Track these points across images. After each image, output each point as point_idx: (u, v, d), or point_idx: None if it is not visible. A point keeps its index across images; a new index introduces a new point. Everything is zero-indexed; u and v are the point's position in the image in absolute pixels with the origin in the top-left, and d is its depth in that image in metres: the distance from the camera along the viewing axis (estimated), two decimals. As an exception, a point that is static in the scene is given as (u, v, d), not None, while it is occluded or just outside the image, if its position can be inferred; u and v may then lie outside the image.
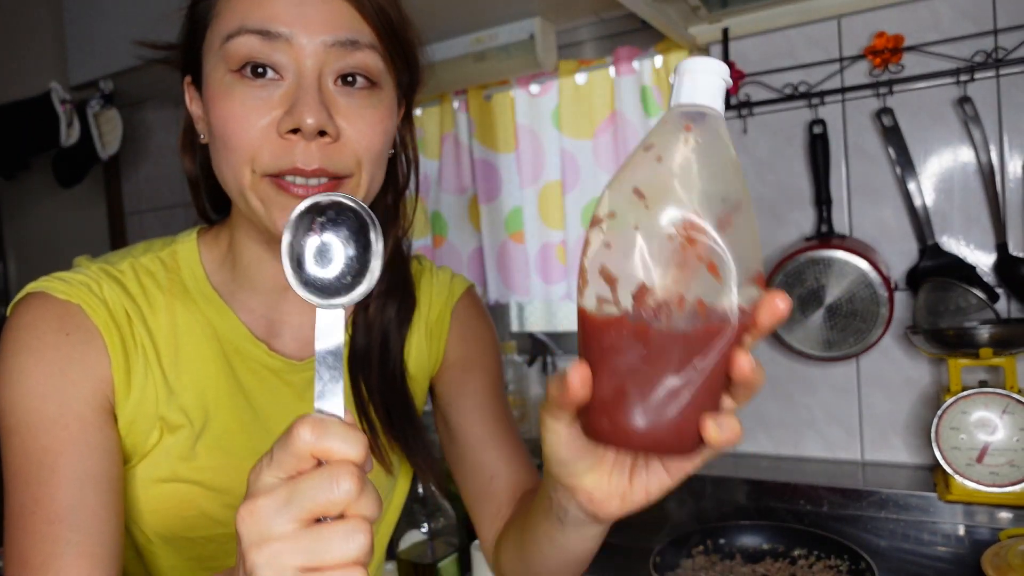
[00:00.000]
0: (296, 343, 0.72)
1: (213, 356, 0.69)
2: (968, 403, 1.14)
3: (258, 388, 0.71)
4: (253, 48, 0.59)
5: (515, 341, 1.73)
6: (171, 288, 0.69)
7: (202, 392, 0.68)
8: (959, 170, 1.26)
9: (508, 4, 1.41)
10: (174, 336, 0.68)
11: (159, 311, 0.68)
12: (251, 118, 0.60)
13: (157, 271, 0.70)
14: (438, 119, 1.73)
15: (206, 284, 0.71)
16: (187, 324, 0.69)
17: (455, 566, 1.32)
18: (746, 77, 1.39)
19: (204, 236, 0.73)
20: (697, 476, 1.38)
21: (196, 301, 0.70)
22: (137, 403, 0.65)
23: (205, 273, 0.71)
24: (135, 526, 0.69)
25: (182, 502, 0.67)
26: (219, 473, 0.68)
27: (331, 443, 0.39)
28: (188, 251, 0.72)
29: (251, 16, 0.60)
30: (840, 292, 1.26)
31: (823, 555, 1.14)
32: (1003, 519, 1.15)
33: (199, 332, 0.69)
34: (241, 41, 0.59)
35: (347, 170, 0.62)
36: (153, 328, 0.67)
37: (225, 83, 0.61)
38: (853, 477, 1.31)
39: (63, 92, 1.84)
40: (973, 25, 1.22)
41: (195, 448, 0.67)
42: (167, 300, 0.69)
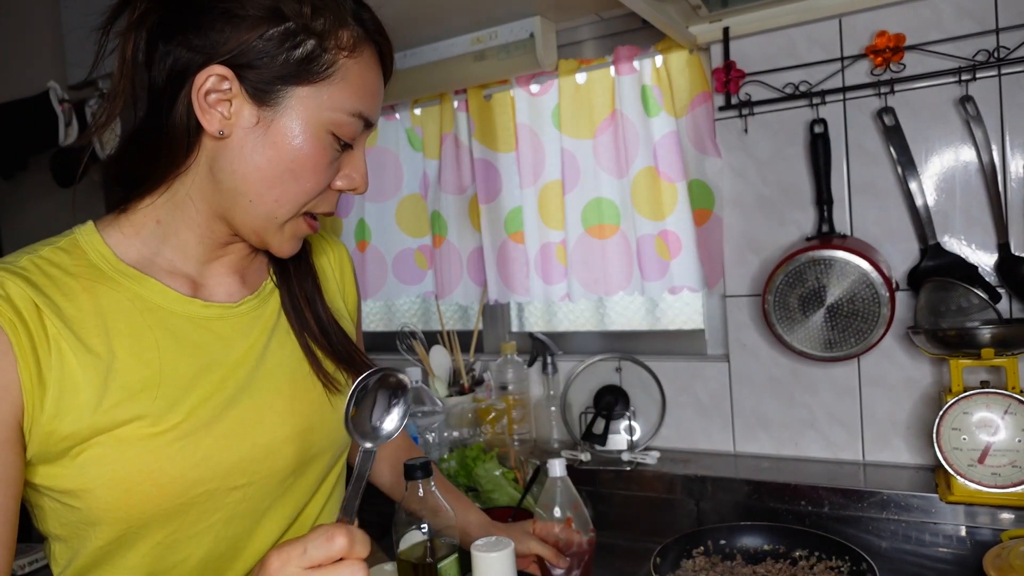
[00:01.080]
0: (224, 292, 0.79)
1: (149, 325, 0.71)
2: (970, 403, 1.14)
3: (204, 338, 0.74)
4: (358, 131, 0.74)
5: (515, 341, 1.73)
6: (84, 273, 0.71)
7: (145, 362, 0.69)
8: (961, 170, 1.26)
9: (508, 3, 1.41)
10: (100, 317, 0.69)
11: (77, 297, 0.69)
12: (327, 173, 0.73)
13: (62, 260, 0.71)
14: (438, 119, 1.72)
15: (119, 262, 0.73)
16: (113, 302, 0.70)
17: (455, 566, 1.32)
18: (747, 76, 1.39)
19: (102, 224, 0.76)
20: (697, 476, 1.38)
21: (115, 279, 0.72)
22: (57, 398, 0.65)
23: (114, 254, 0.73)
24: (111, 520, 0.68)
25: (153, 472, 0.68)
26: (180, 428, 0.69)
27: (356, 549, 0.58)
28: (90, 237, 0.74)
29: (368, 106, 0.73)
30: (841, 292, 1.25)
31: (824, 556, 1.14)
32: (1005, 520, 1.15)
33: (128, 306, 0.71)
34: (354, 123, 0.72)
35: None
36: (71, 316, 0.68)
37: (320, 137, 0.71)
38: (854, 478, 1.30)
39: (61, 91, 1.84)
40: (975, 24, 1.22)
41: (154, 415, 0.68)
42: (85, 284, 0.70)
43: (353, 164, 0.76)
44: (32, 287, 0.67)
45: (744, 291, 1.45)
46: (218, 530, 0.74)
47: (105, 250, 0.73)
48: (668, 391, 1.53)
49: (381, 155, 1.83)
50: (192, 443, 0.70)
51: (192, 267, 0.77)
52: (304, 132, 0.70)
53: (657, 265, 1.49)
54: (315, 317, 0.84)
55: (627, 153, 1.50)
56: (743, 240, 1.44)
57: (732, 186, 1.44)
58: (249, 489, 0.75)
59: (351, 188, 0.76)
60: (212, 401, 0.72)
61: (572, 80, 1.54)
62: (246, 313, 0.79)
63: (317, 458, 0.82)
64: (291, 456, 0.78)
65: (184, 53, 0.69)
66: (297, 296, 0.84)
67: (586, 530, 1.12)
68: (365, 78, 0.73)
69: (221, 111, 0.69)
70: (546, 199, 1.60)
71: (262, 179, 0.71)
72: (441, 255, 1.76)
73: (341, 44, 0.70)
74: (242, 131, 0.69)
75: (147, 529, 0.70)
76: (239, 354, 0.76)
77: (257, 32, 0.68)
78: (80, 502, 0.67)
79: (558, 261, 1.61)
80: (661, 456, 1.49)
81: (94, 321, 0.69)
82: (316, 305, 0.85)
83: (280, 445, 0.77)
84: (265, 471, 0.76)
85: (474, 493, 1.39)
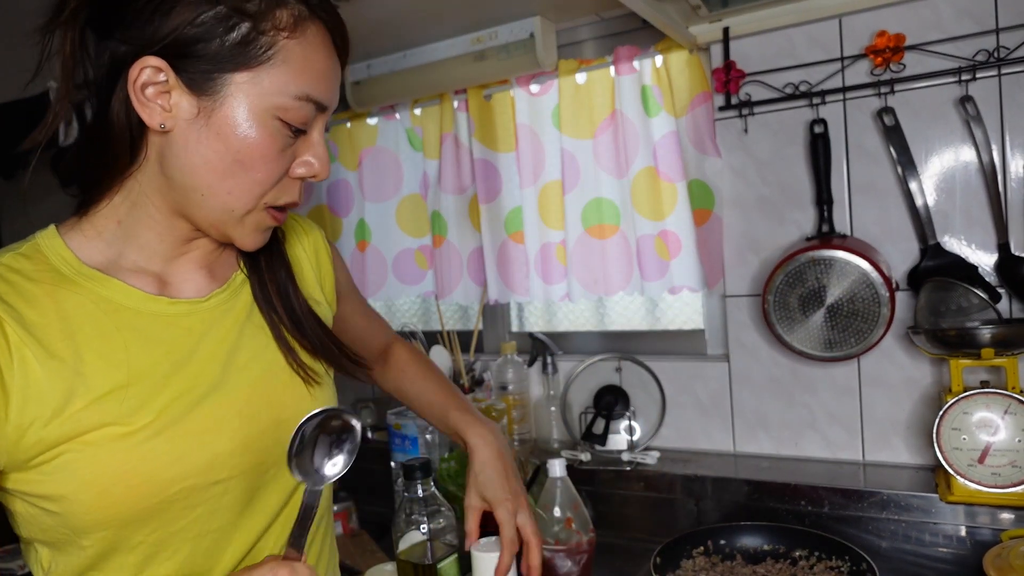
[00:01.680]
0: (192, 287, 0.78)
1: (116, 327, 0.70)
2: (970, 403, 1.14)
3: (173, 335, 0.73)
4: (308, 115, 0.70)
5: (515, 341, 1.73)
6: (46, 278, 0.70)
7: (114, 364, 0.69)
8: (961, 169, 1.26)
9: (508, 4, 1.41)
10: (64, 322, 0.68)
11: (39, 302, 0.68)
12: (280, 161, 0.70)
13: (22, 266, 0.70)
14: (438, 119, 1.73)
15: (81, 265, 0.72)
16: (77, 306, 0.69)
17: (455, 567, 1.32)
18: (747, 76, 1.39)
19: (64, 228, 0.75)
20: (697, 477, 1.38)
21: (78, 282, 0.71)
22: (21, 407, 0.64)
23: (76, 257, 0.72)
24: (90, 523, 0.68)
25: (126, 473, 0.67)
26: (152, 427, 0.68)
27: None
28: (51, 241, 0.73)
29: (318, 89, 0.70)
30: (841, 292, 1.25)
31: (824, 556, 1.14)
32: (1005, 520, 1.15)
33: (93, 309, 0.70)
34: (302, 107, 0.69)
35: None
36: (33, 322, 0.67)
37: (266, 124, 0.68)
38: (854, 478, 1.30)
39: (62, 91, 1.83)
40: (975, 24, 1.22)
41: (124, 417, 0.67)
42: (47, 289, 0.69)
43: (311, 150, 0.72)
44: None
45: (744, 291, 1.45)
46: (202, 524, 0.73)
47: (67, 253, 0.72)
48: (668, 391, 1.53)
49: (381, 155, 1.83)
50: (165, 441, 0.69)
51: (157, 265, 0.75)
52: (248, 120, 0.67)
53: (657, 265, 1.49)
54: (287, 307, 0.82)
55: (627, 153, 1.50)
56: (743, 240, 1.44)
57: (732, 186, 1.44)
58: (230, 483, 0.74)
59: (311, 175, 0.73)
60: (184, 398, 0.71)
61: (572, 80, 1.54)
62: (215, 307, 0.78)
63: None
64: (270, 447, 0.77)
65: (119, 47, 0.67)
66: (268, 286, 0.82)
67: (586, 530, 1.12)
68: (310, 59, 0.69)
69: (160, 104, 0.67)
70: (546, 199, 1.60)
71: (211, 172, 0.68)
72: (441, 255, 1.76)
73: (279, 25, 0.67)
74: (184, 123, 0.67)
75: (128, 530, 0.69)
76: (210, 349, 0.75)
77: (187, 18, 0.65)
78: (57, 507, 0.67)
79: (558, 261, 1.61)
80: (661, 456, 1.49)
81: (58, 326, 0.68)
82: (289, 295, 0.83)
83: (258, 437, 0.76)
84: (245, 464, 0.75)
85: (474, 493, 1.39)
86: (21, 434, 0.64)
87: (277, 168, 0.70)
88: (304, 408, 0.80)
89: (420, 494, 1.04)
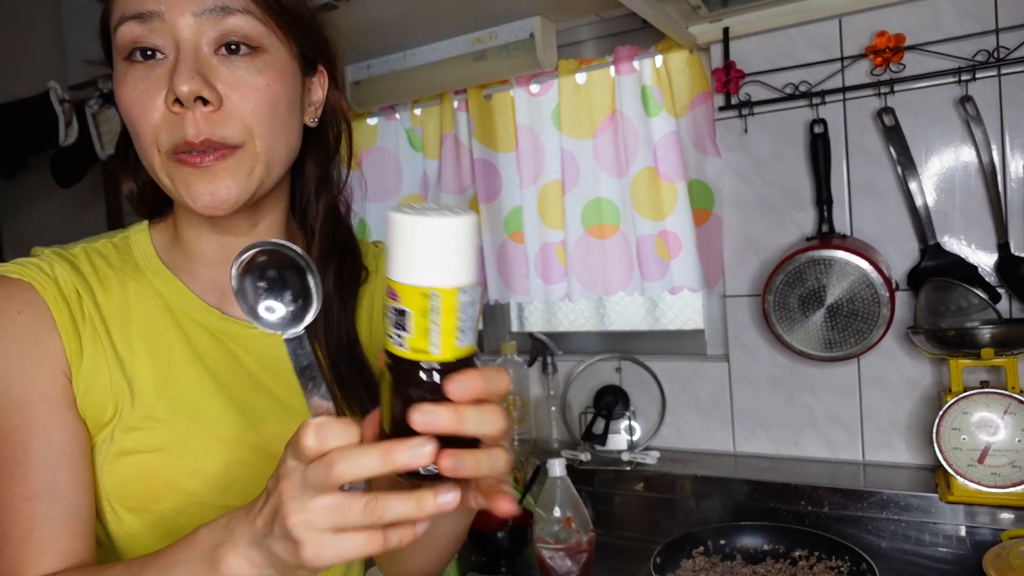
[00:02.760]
0: None
1: (166, 325, 0.71)
2: (969, 403, 1.14)
3: (214, 351, 0.73)
4: (135, 33, 0.63)
5: (515, 341, 1.73)
6: (123, 267, 0.73)
7: (157, 360, 0.70)
8: (960, 170, 1.26)
9: (508, 3, 1.41)
10: (126, 310, 0.70)
11: (111, 288, 0.71)
12: (144, 99, 0.63)
13: (109, 253, 0.73)
14: (438, 119, 1.72)
15: (156, 261, 0.74)
16: (138, 297, 0.71)
17: (455, 566, 1.32)
18: (747, 76, 1.39)
19: (154, 222, 0.77)
20: (697, 476, 1.38)
21: (147, 277, 0.73)
22: (89, 374, 0.67)
23: (155, 252, 0.74)
24: (104, 504, 0.69)
25: (148, 472, 0.68)
26: (181, 438, 0.69)
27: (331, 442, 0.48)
28: (139, 235, 0.76)
29: (129, 3, 0.63)
30: (841, 292, 1.25)
31: (824, 556, 1.14)
32: (1005, 520, 1.15)
33: (151, 304, 0.72)
34: (124, 29, 0.63)
35: (236, 139, 0.64)
36: (103, 304, 0.70)
37: (122, 72, 0.64)
38: (854, 478, 1.30)
39: (62, 91, 1.84)
40: (975, 24, 1.22)
41: (155, 415, 0.68)
42: (119, 277, 0.72)
43: (172, 72, 0.62)
44: (76, 273, 0.69)
45: (744, 291, 1.45)
46: None
47: (148, 248, 0.74)
48: (668, 391, 1.53)
49: (381, 155, 1.83)
50: (190, 451, 0.69)
51: (216, 270, 0.74)
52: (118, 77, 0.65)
53: (657, 265, 1.49)
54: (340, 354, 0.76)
55: (627, 153, 1.50)
56: (743, 240, 1.44)
57: (732, 186, 1.44)
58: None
59: (173, 96, 0.61)
60: (215, 414, 0.71)
61: (572, 80, 1.54)
62: (263, 335, 0.73)
63: None
64: None
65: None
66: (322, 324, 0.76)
67: (586, 530, 1.12)
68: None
69: None
70: (546, 199, 1.60)
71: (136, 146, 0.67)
72: (441, 255, 1.76)
73: None
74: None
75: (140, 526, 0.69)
76: (249, 375, 0.73)
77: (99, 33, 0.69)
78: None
79: (558, 261, 1.61)
80: (661, 456, 1.49)
81: (120, 314, 0.70)
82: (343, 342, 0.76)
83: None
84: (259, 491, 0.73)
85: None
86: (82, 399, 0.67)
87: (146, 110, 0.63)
88: None
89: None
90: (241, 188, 0.65)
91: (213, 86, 0.62)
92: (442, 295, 0.46)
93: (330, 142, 0.78)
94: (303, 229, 0.80)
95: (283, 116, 0.68)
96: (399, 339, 0.47)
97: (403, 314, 0.46)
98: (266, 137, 0.66)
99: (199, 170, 0.63)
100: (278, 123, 0.67)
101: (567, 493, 1.13)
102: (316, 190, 0.78)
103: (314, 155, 0.77)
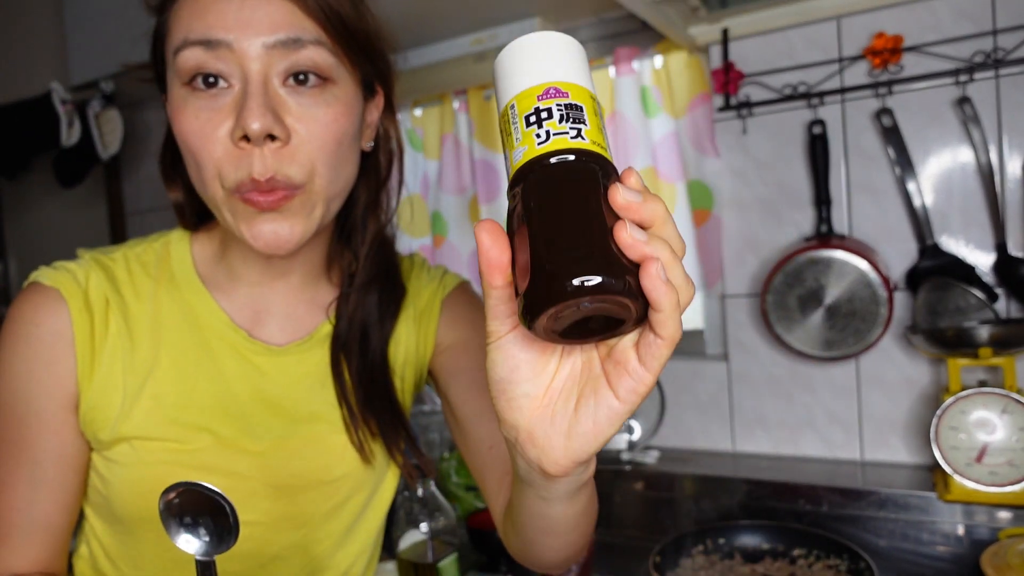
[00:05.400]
0: (280, 331, 0.74)
1: (194, 341, 0.71)
2: (967, 403, 1.14)
3: (238, 372, 0.72)
4: (199, 59, 0.60)
5: (515, 341, 1.73)
6: (160, 276, 0.72)
7: (182, 375, 0.70)
8: (958, 170, 1.26)
9: (508, 4, 1.41)
10: (157, 322, 0.70)
11: (145, 298, 0.70)
12: (206, 131, 0.61)
13: (149, 261, 0.72)
14: (438, 119, 1.73)
15: (192, 274, 0.72)
16: (169, 310, 0.71)
17: (455, 566, 1.32)
18: (746, 78, 1.39)
19: (197, 232, 0.75)
20: (696, 476, 1.39)
21: (181, 289, 0.72)
22: (101, 390, 0.67)
23: (193, 264, 0.73)
24: (115, 516, 0.70)
25: (166, 483, 0.67)
26: (200, 451, 0.69)
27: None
28: (180, 243, 0.74)
29: (194, 27, 0.60)
30: (839, 292, 1.26)
31: (822, 555, 1.14)
32: (1002, 519, 1.15)
33: (180, 318, 0.71)
34: (187, 54, 0.60)
35: (300, 178, 0.62)
36: (135, 315, 0.69)
37: (181, 97, 0.62)
38: (852, 477, 1.31)
39: (64, 92, 1.84)
40: (972, 25, 1.22)
41: (176, 428, 0.68)
42: (154, 288, 0.71)
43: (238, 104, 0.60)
44: (110, 281, 0.69)
45: (743, 291, 1.46)
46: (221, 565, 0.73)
47: (187, 258, 0.73)
48: (667, 390, 1.54)
49: (382, 156, 1.83)
50: (209, 471, 0.69)
51: (250, 289, 0.73)
52: (173, 100, 0.63)
53: (656, 265, 1.49)
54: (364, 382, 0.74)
55: (626, 153, 1.50)
56: (742, 240, 1.45)
57: (731, 187, 1.45)
58: (257, 528, 0.72)
59: (242, 134, 0.59)
60: (237, 434, 0.71)
61: (572, 81, 1.54)
62: (290, 360, 0.73)
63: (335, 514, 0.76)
64: (306, 505, 0.74)
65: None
66: (351, 352, 0.74)
67: (585, 529, 1.12)
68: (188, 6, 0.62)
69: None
70: (546, 199, 1.60)
71: (190, 173, 0.66)
72: (441, 255, 1.76)
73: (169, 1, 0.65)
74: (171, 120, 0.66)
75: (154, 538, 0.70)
76: (274, 397, 0.72)
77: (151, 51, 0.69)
78: (104, 488, 0.70)
79: (558, 261, 1.61)
80: (660, 455, 1.50)
81: (151, 326, 0.70)
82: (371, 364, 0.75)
83: (298, 491, 0.73)
84: (277, 513, 0.73)
85: (474, 492, 1.39)
86: (93, 415, 0.68)
87: (210, 142, 0.61)
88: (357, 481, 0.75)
89: (420, 493, 1.04)
90: (303, 229, 0.64)
91: (282, 121, 0.60)
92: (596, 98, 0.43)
93: (381, 166, 0.76)
94: (348, 251, 0.76)
95: (345, 151, 0.66)
96: (577, 132, 0.40)
97: (579, 109, 0.41)
98: (327, 175, 0.64)
99: (262, 211, 0.62)
100: (340, 158, 0.65)
101: (567, 492, 1.14)
102: (364, 215, 0.75)
103: (365, 179, 0.75)
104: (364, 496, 0.78)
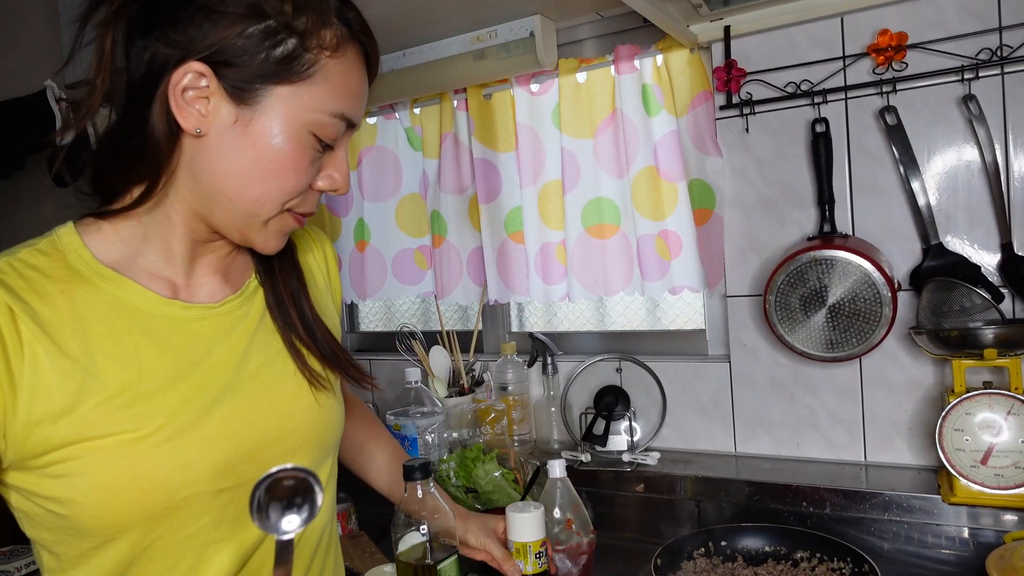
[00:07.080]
0: (206, 291, 0.78)
1: (128, 328, 0.70)
2: (972, 404, 1.13)
3: (185, 339, 0.73)
4: (339, 132, 0.72)
5: (515, 341, 1.72)
6: (61, 275, 0.70)
7: (125, 365, 0.69)
8: (963, 169, 1.25)
9: (508, 2, 1.40)
10: (78, 321, 0.68)
11: (53, 300, 0.68)
12: (307, 172, 0.72)
13: (40, 263, 0.70)
14: (438, 118, 1.72)
15: (97, 264, 0.72)
16: (91, 305, 0.69)
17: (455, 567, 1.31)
18: (748, 75, 1.38)
19: (83, 225, 0.75)
20: (698, 477, 1.38)
21: (93, 281, 0.71)
22: (32, 398, 0.64)
23: (92, 255, 0.72)
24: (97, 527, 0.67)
25: (137, 477, 0.67)
26: (163, 432, 0.68)
27: None
28: (70, 238, 0.73)
29: (348, 106, 0.72)
30: (843, 292, 1.25)
31: (826, 557, 1.13)
32: (1008, 521, 1.14)
33: (106, 308, 0.70)
34: (336, 124, 0.71)
35: None
36: (47, 319, 0.67)
37: (300, 138, 0.70)
38: (856, 479, 1.30)
39: (58, 90, 1.83)
40: (977, 22, 1.21)
41: (134, 421, 0.67)
42: (62, 287, 0.69)
43: (335, 164, 0.75)
44: (7, 291, 0.66)
45: (745, 291, 1.45)
46: (208, 533, 0.72)
47: (84, 251, 0.72)
48: (669, 391, 1.53)
49: (381, 155, 1.82)
50: (175, 446, 0.69)
51: (173, 268, 0.75)
52: (284, 132, 0.69)
53: (657, 265, 1.48)
54: (300, 315, 0.83)
55: (627, 153, 1.49)
56: (744, 240, 1.44)
57: (733, 186, 1.43)
58: (236, 491, 0.73)
59: (332, 189, 0.75)
60: (194, 403, 0.71)
61: (572, 79, 1.53)
62: (228, 313, 0.78)
63: (304, 458, 0.81)
64: (277, 457, 0.76)
65: (162, 48, 0.67)
66: (282, 294, 0.83)
67: (586, 531, 1.11)
68: (348, 78, 0.71)
69: (198, 108, 0.67)
70: (546, 199, 1.60)
71: (242, 178, 0.70)
72: (441, 255, 1.75)
73: (323, 44, 0.69)
74: (220, 129, 0.68)
75: (134, 534, 0.69)
76: (221, 355, 0.75)
77: (237, 29, 0.66)
78: (64, 509, 0.66)
79: (558, 261, 1.60)
80: (662, 457, 1.49)
81: (72, 325, 0.68)
82: (301, 303, 0.84)
83: (265, 446, 0.76)
84: (252, 472, 0.74)
85: (474, 494, 1.38)
86: (29, 431, 0.64)
87: (304, 179, 0.72)
88: (313, 417, 0.81)
89: (420, 495, 1.03)
90: None
91: None
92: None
93: None
94: None
95: None
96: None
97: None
98: None
99: (299, 226, 0.77)
100: None
101: (567, 494, 1.13)
102: None
103: None
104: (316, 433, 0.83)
